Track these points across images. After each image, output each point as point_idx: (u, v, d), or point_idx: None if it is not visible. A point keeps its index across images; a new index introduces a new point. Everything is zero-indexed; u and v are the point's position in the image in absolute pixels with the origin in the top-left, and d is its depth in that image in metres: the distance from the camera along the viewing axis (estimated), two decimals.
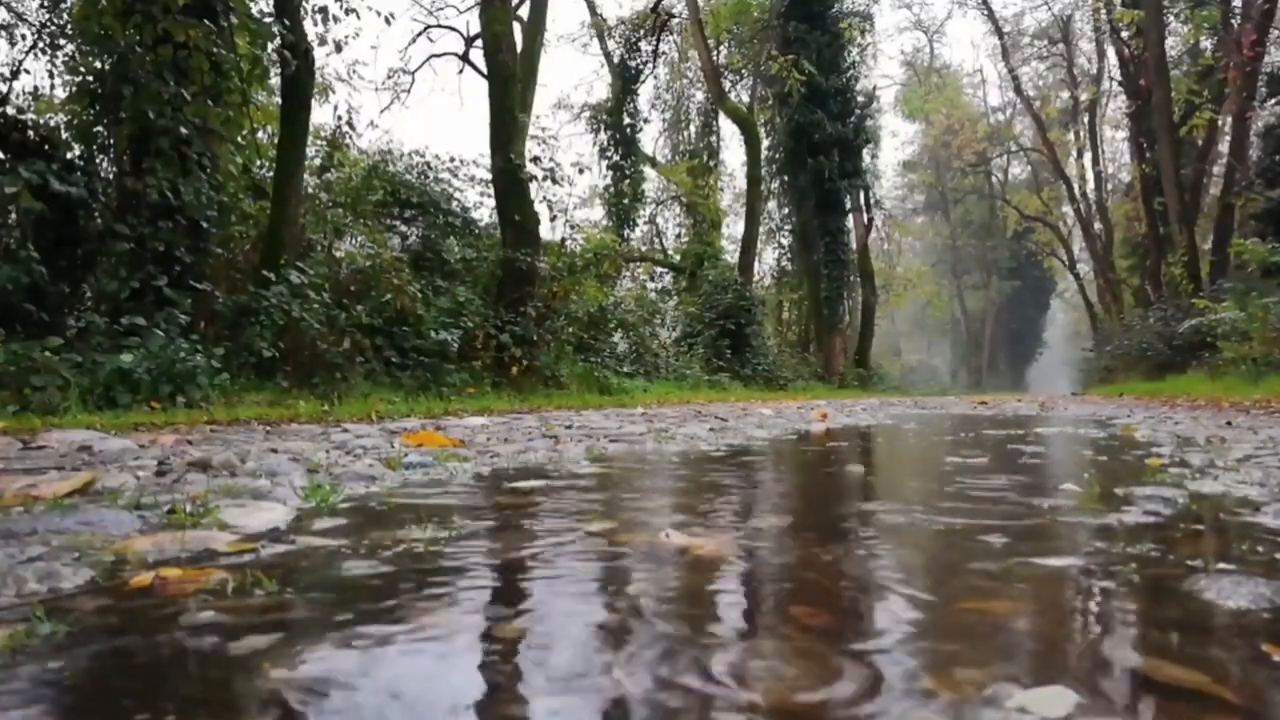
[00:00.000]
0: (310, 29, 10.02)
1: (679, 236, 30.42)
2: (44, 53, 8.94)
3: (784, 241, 31.44)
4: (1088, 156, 37.78)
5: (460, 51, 21.08)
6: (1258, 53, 20.17)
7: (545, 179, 13.75)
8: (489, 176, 13.53)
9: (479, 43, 16.58)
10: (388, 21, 12.00)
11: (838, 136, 26.39)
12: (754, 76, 28.85)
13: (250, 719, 0.79)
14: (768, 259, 33.14)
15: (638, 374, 16.37)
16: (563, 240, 15.71)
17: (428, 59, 24.85)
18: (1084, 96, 35.95)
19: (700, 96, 30.75)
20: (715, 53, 27.28)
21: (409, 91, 27.84)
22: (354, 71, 21.20)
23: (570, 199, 17.78)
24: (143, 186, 7.74)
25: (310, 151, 12.06)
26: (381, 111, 35.29)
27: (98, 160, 8.60)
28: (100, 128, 8.44)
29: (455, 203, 14.65)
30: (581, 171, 16.20)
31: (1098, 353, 30.64)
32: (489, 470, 2.93)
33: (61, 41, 8.97)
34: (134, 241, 7.68)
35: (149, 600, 1.17)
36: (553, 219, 15.14)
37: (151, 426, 5.16)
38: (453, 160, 15.05)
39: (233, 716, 0.80)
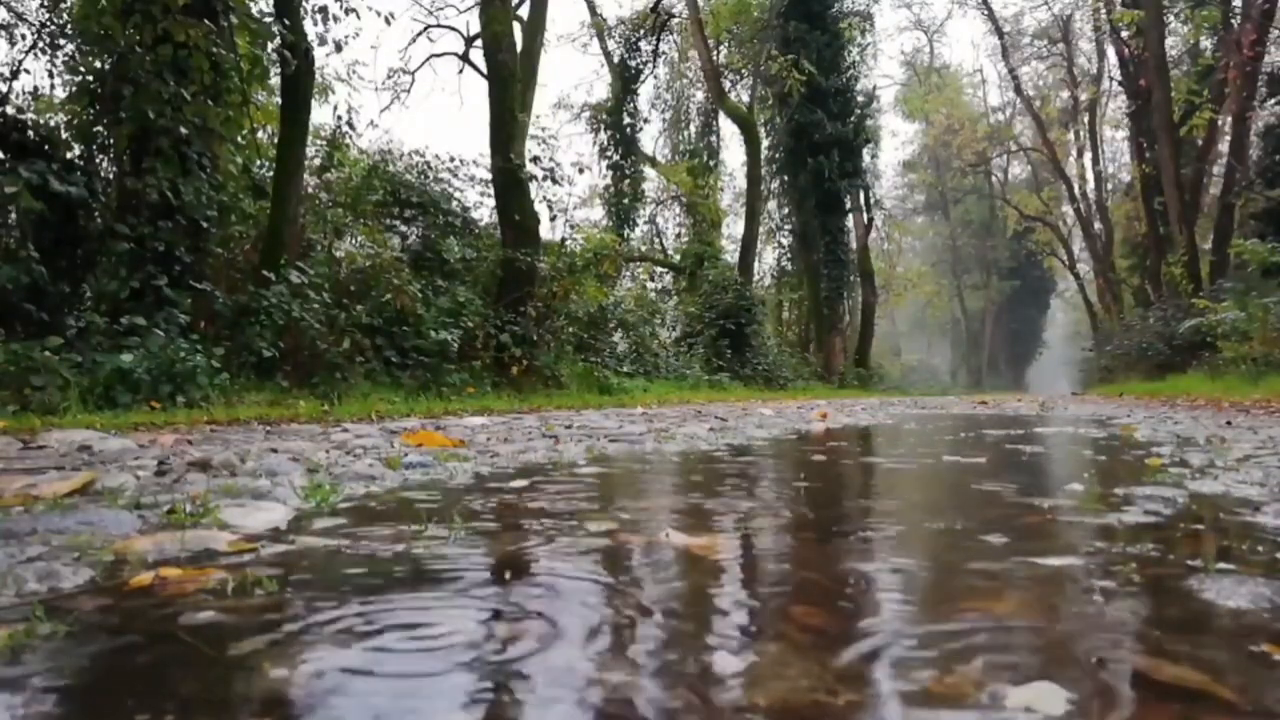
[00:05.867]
0: (310, 29, 10.04)
1: (679, 236, 30.43)
2: (44, 53, 8.95)
3: (784, 241, 31.46)
4: (1088, 156, 37.84)
5: (460, 51, 21.11)
6: (1258, 53, 20.17)
7: (545, 179, 13.76)
8: (489, 176, 13.53)
9: (479, 42, 16.58)
10: (388, 21, 12.03)
11: (838, 136, 26.38)
12: (754, 76, 28.82)
13: (250, 719, 0.79)
14: (768, 259, 33.18)
15: (638, 374, 16.37)
16: (563, 240, 15.71)
17: (428, 59, 24.91)
18: (1084, 96, 35.95)
19: (700, 96, 30.77)
20: (715, 53, 27.27)
21: (409, 91, 27.97)
22: (354, 71, 21.25)
23: (570, 199, 17.84)
24: (143, 186, 7.74)
25: (310, 151, 12.06)
26: (381, 111, 35.29)
27: (98, 160, 8.60)
28: (100, 128, 8.44)
29: (455, 203, 14.66)
30: (581, 171, 16.21)
31: (1098, 353, 30.65)
32: (489, 470, 2.92)
33: (61, 41, 8.97)
34: (134, 241, 7.68)
35: (149, 600, 1.17)
36: (553, 219, 15.17)
37: (151, 426, 5.16)
38: (453, 160, 15.06)
39: (233, 716, 0.80)
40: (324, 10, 10.06)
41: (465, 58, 20.90)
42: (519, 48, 14.41)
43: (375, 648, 0.97)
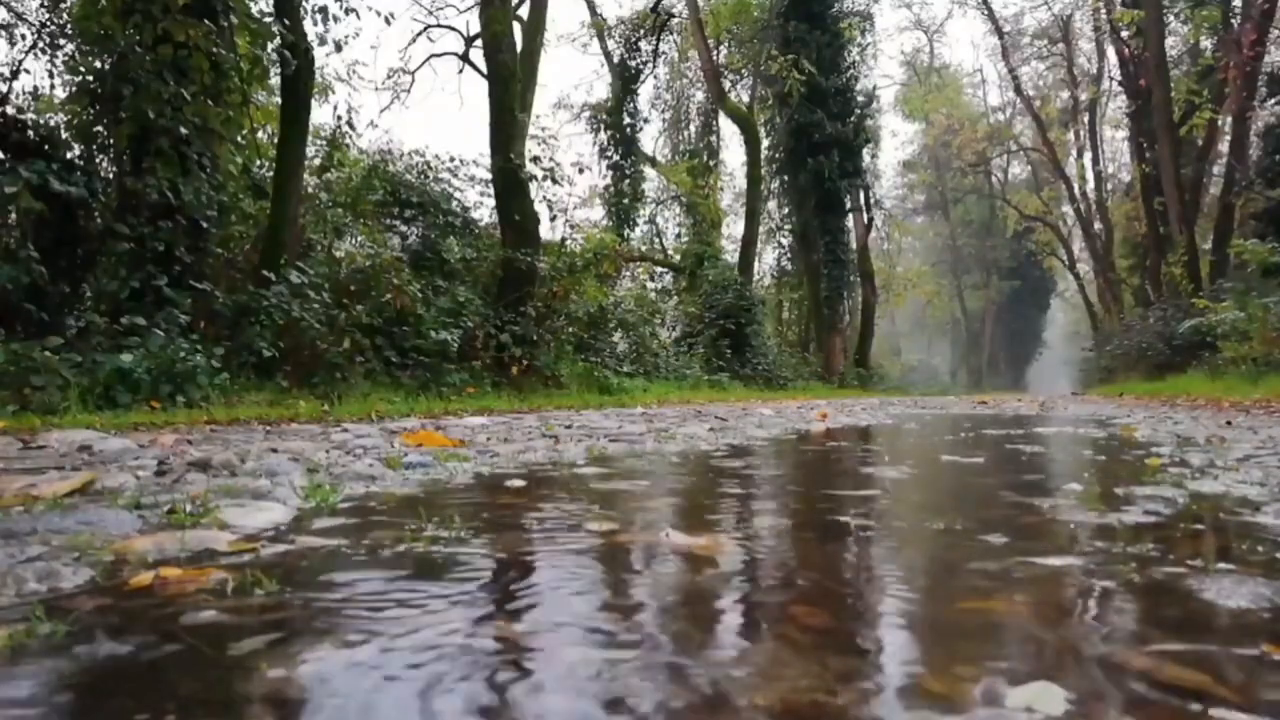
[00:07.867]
0: (310, 29, 10.04)
1: (679, 236, 30.41)
2: (44, 53, 8.95)
3: (784, 241, 31.46)
4: (1088, 156, 37.82)
5: (460, 51, 21.12)
6: (1258, 53, 20.17)
7: (545, 179, 13.74)
8: (489, 176, 13.53)
9: (479, 42, 16.59)
10: (388, 21, 12.03)
11: (838, 136, 26.37)
12: (754, 76, 28.82)
13: (250, 719, 0.79)
14: (768, 259, 33.19)
15: (638, 374, 16.35)
16: (563, 240, 15.69)
17: (428, 59, 24.92)
18: (1084, 96, 35.95)
19: (700, 96, 30.77)
20: (715, 53, 27.26)
21: (409, 91, 27.93)
22: (354, 71, 21.22)
23: (570, 199, 17.76)
24: (143, 186, 7.74)
25: (310, 151, 12.06)
26: (381, 111, 35.34)
27: (98, 160, 8.60)
28: (100, 128, 8.44)
29: (455, 203, 14.64)
30: (581, 171, 16.19)
31: (1098, 353, 30.65)
32: (489, 470, 2.92)
33: (61, 41, 8.97)
34: (134, 241, 7.68)
35: (149, 600, 1.17)
36: (553, 219, 15.14)
37: (151, 426, 5.16)
38: (453, 160, 15.06)
39: (232, 716, 0.80)
40: (324, 10, 10.06)
41: (465, 58, 20.92)
42: (519, 48, 14.40)
43: (376, 647, 0.97)
